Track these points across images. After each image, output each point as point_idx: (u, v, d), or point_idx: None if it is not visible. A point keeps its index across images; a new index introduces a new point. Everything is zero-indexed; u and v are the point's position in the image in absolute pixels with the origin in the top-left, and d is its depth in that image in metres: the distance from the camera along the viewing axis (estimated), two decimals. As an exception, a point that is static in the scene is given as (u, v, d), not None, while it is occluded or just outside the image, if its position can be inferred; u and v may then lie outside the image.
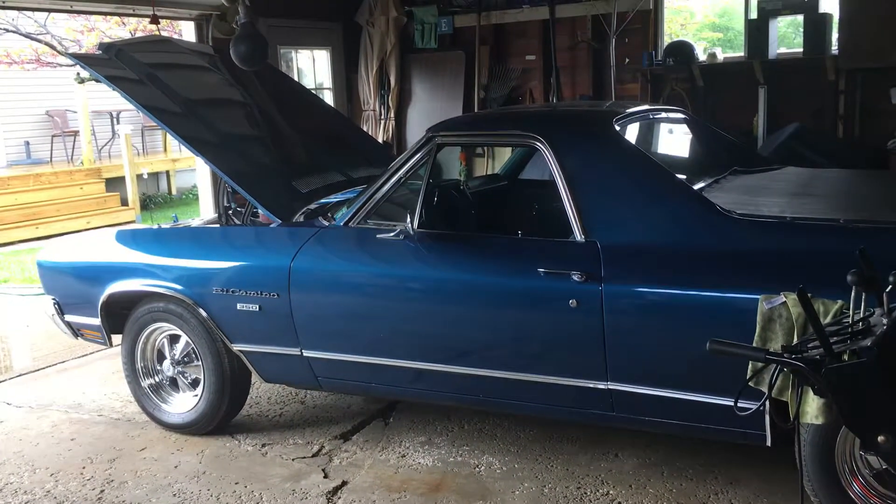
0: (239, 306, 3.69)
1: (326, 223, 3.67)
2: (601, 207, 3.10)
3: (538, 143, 3.29)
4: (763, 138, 6.36)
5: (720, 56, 7.10)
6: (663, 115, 4.21)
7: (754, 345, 2.53)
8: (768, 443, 2.89)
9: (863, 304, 2.08)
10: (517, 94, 7.77)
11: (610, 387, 3.06)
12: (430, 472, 3.55)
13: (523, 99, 7.74)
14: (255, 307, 3.65)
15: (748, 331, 2.76)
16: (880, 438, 1.99)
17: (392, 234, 3.40)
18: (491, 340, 3.27)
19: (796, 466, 2.54)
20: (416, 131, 7.96)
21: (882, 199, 3.39)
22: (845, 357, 1.95)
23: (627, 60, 7.26)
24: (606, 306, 2.98)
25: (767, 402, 2.66)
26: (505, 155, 4.66)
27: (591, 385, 3.10)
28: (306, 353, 3.64)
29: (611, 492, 3.29)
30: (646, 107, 3.83)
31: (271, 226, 3.88)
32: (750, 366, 2.55)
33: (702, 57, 7.11)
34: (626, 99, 7.10)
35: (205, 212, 7.23)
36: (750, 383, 2.54)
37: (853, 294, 2.07)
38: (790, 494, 3.15)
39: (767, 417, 2.82)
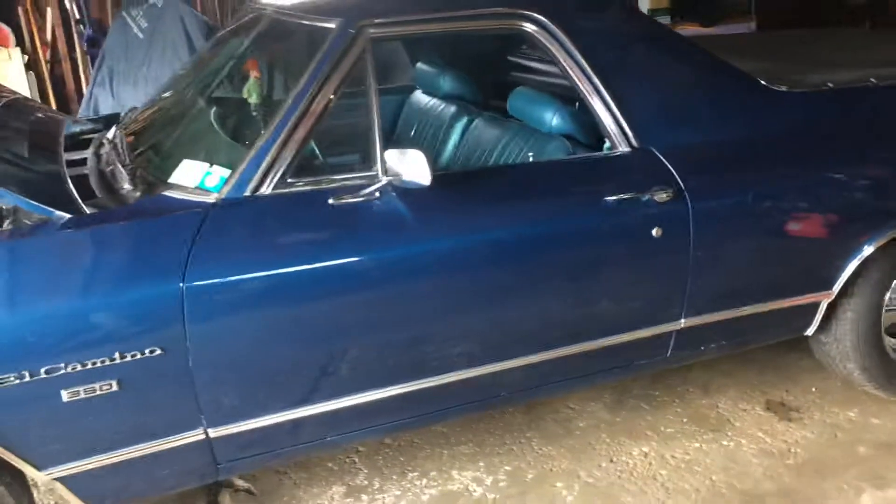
0: (67, 396, 1.85)
1: (210, 200, 2.01)
2: (650, 104, 2.35)
3: (528, 25, 2.30)
4: None
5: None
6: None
7: None
8: (811, 332, 2.70)
9: None
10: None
11: (682, 325, 2.45)
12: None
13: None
14: (110, 385, 1.87)
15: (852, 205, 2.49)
16: None
17: (364, 193, 2.05)
18: (544, 312, 2.28)
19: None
20: None
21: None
22: None
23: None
24: (695, 228, 2.32)
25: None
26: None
27: (662, 330, 2.44)
28: (215, 433, 2.04)
29: (604, 463, 2.72)
30: None
31: (42, 227, 1.98)
32: None
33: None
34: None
35: None
36: None
37: None
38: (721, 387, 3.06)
39: (824, 307, 2.63)
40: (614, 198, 2.24)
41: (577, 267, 2.25)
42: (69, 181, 2.17)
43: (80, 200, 2.07)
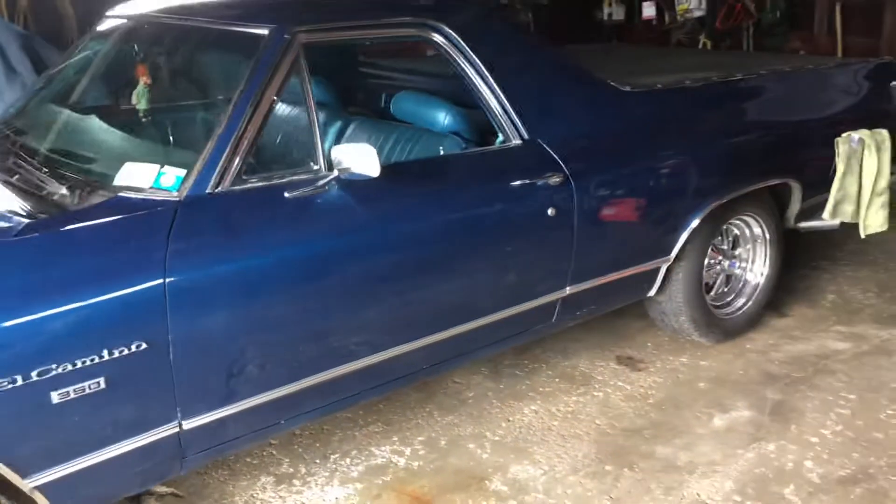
0: (57, 397, 1.84)
1: (173, 198, 2.06)
2: (535, 102, 2.72)
3: (435, 35, 2.59)
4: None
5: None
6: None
7: (837, 179, 2.84)
8: (652, 293, 3.25)
9: None
10: None
11: (567, 293, 2.86)
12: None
13: None
14: (98, 383, 1.89)
15: (685, 183, 3.03)
16: None
17: (318, 186, 2.22)
18: (471, 285, 2.57)
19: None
20: None
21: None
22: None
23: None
24: (578, 206, 2.74)
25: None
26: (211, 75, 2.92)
27: (552, 298, 2.83)
28: (188, 424, 2.10)
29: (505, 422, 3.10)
30: None
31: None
32: (832, 203, 2.86)
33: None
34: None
35: None
36: (827, 217, 2.87)
37: None
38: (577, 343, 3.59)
39: (663, 271, 3.17)
40: (518, 183, 2.60)
41: (493, 246, 2.57)
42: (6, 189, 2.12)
43: (28, 207, 2.04)
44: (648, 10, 7.32)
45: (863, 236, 3.30)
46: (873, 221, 3.16)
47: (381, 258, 2.31)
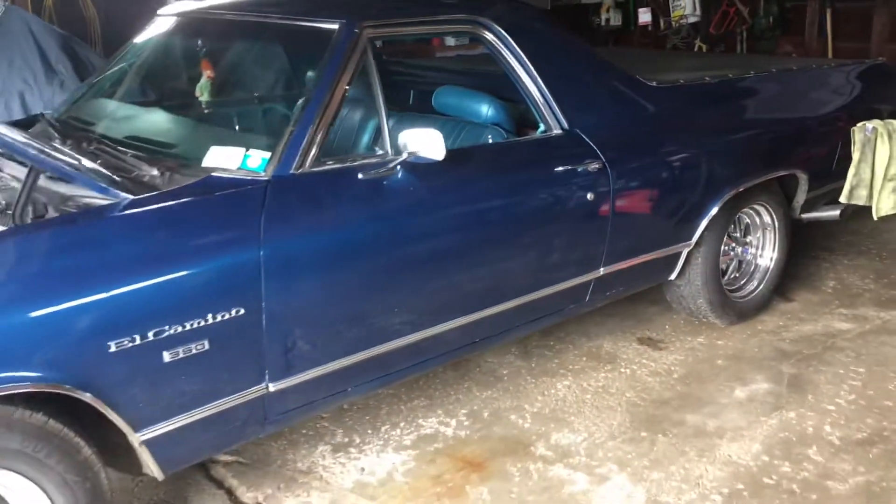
0: (168, 356, 2.01)
1: (261, 178, 2.23)
2: (573, 94, 2.93)
3: (484, 31, 2.79)
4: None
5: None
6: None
7: (853, 166, 3.08)
8: (673, 277, 3.47)
9: None
10: None
11: (601, 273, 3.07)
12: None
13: None
14: (203, 345, 2.06)
15: (707, 172, 3.26)
16: None
17: (389, 168, 2.41)
18: (521, 263, 2.77)
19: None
20: None
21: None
22: None
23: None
24: (613, 192, 2.95)
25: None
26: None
27: (587, 278, 3.04)
28: (274, 387, 2.28)
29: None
30: None
31: (111, 208, 2.12)
32: (848, 187, 3.10)
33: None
34: None
35: None
36: (843, 199, 3.10)
37: None
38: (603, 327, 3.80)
39: (684, 255, 3.40)
40: (562, 169, 2.80)
41: (542, 227, 2.78)
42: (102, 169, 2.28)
43: (127, 184, 2.21)
44: (644, 16, 7.60)
45: (875, 218, 3.55)
46: (885, 205, 3.41)
47: (447, 236, 2.51)
